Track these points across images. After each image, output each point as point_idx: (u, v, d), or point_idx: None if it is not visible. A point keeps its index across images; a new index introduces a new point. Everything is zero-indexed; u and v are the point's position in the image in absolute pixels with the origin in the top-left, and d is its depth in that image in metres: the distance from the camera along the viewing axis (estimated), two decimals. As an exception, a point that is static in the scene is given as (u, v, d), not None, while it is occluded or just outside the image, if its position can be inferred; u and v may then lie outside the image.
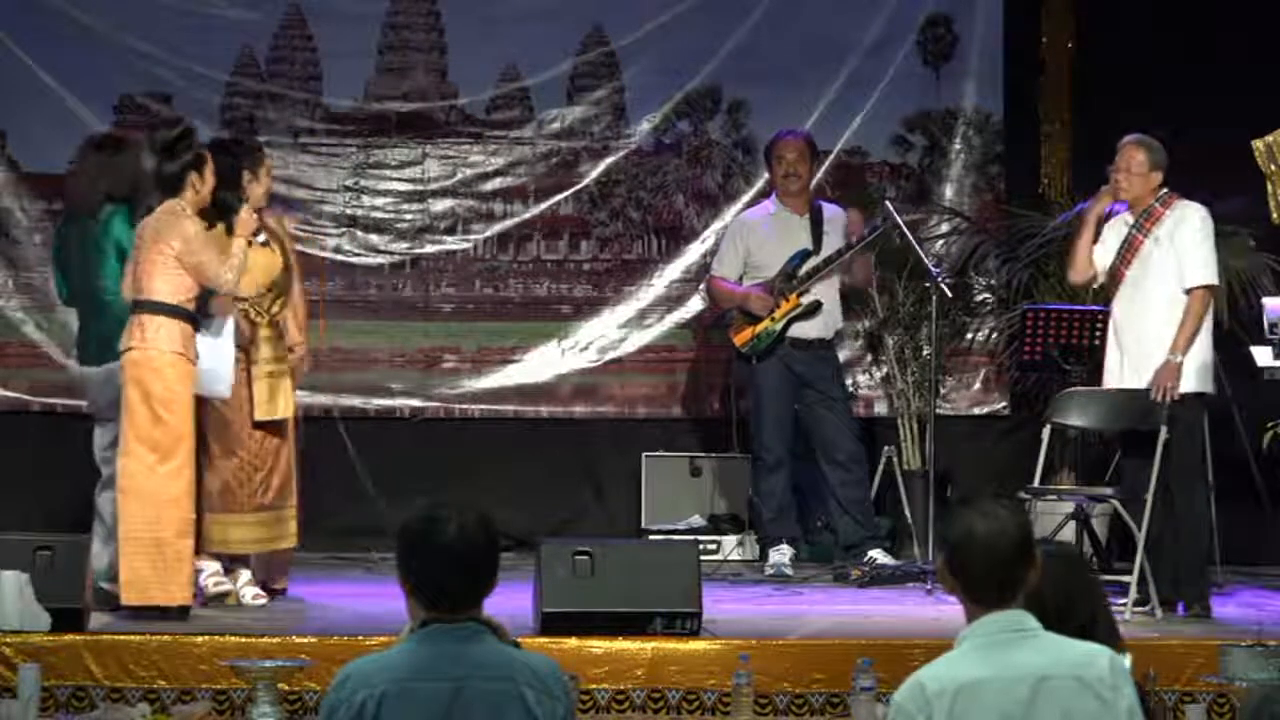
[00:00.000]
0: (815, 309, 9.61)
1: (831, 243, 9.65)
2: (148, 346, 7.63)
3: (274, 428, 8.25)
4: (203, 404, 7.89)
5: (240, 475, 8.16)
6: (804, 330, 9.61)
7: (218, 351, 7.90)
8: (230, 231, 7.87)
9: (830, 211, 9.77)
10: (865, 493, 9.77)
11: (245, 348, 8.12)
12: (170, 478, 7.60)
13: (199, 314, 7.79)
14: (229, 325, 7.99)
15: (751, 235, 9.76)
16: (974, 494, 4.17)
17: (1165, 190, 8.36)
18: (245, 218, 7.90)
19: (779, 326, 9.59)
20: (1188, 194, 8.50)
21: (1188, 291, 8.21)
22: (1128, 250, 8.32)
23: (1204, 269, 8.24)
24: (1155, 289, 8.26)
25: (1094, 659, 4.01)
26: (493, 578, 3.99)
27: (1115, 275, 8.37)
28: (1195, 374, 8.23)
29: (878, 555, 9.54)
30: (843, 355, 10.27)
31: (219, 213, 7.90)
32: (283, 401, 8.26)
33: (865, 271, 9.85)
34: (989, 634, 4.00)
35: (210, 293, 7.80)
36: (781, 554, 9.61)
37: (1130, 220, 8.36)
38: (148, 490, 7.58)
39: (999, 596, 4.01)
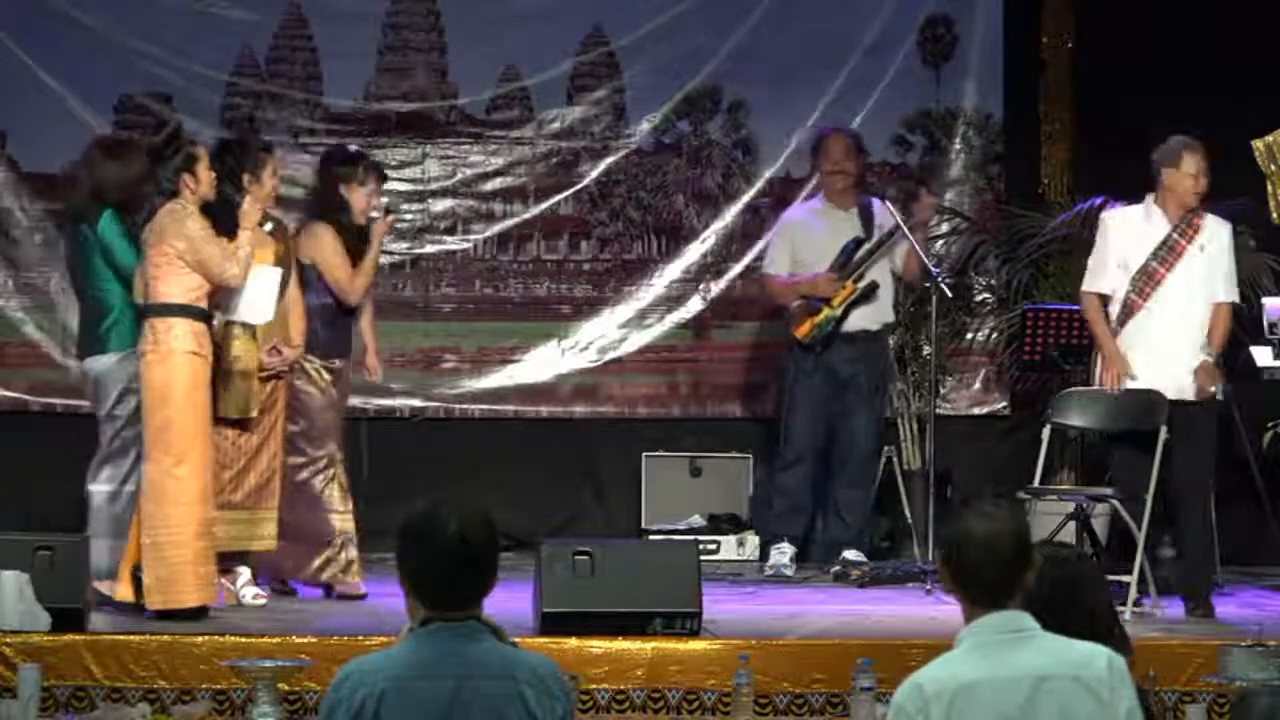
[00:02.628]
0: (873, 290, 9.56)
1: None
2: (160, 349, 7.65)
3: (244, 427, 8.18)
4: None
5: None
6: (851, 324, 9.56)
7: (259, 281, 7.92)
8: (232, 229, 7.87)
9: (881, 206, 9.72)
10: (865, 495, 9.76)
11: (217, 342, 8.02)
12: (187, 479, 7.62)
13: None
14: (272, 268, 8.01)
15: (797, 232, 9.73)
16: (975, 496, 4.19)
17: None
18: (248, 209, 7.91)
19: (839, 313, 9.56)
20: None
21: (1219, 304, 8.29)
22: (1169, 253, 8.30)
23: (1235, 287, 8.43)
24: (1195, 296, 8.30)
25: (1092, 659, 4.01)
26: (493, 577, 3.99)
27: (1152, 275, 8.33)
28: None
29: (851, 555, 9.55)
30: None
31: (221, 209, 7.90)
32: (247, 402, 8.17)
33: (913, 262, 9.72)
34: (987, 635, 4.00)
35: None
36: (782, 553, 9.61)
37: (1169, 223, 8.32)
38: (168, 493, 7.61)
39: (997, 597, 4.01)
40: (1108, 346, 8.33)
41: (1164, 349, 8.29)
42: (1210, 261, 8.30)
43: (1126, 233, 8.39)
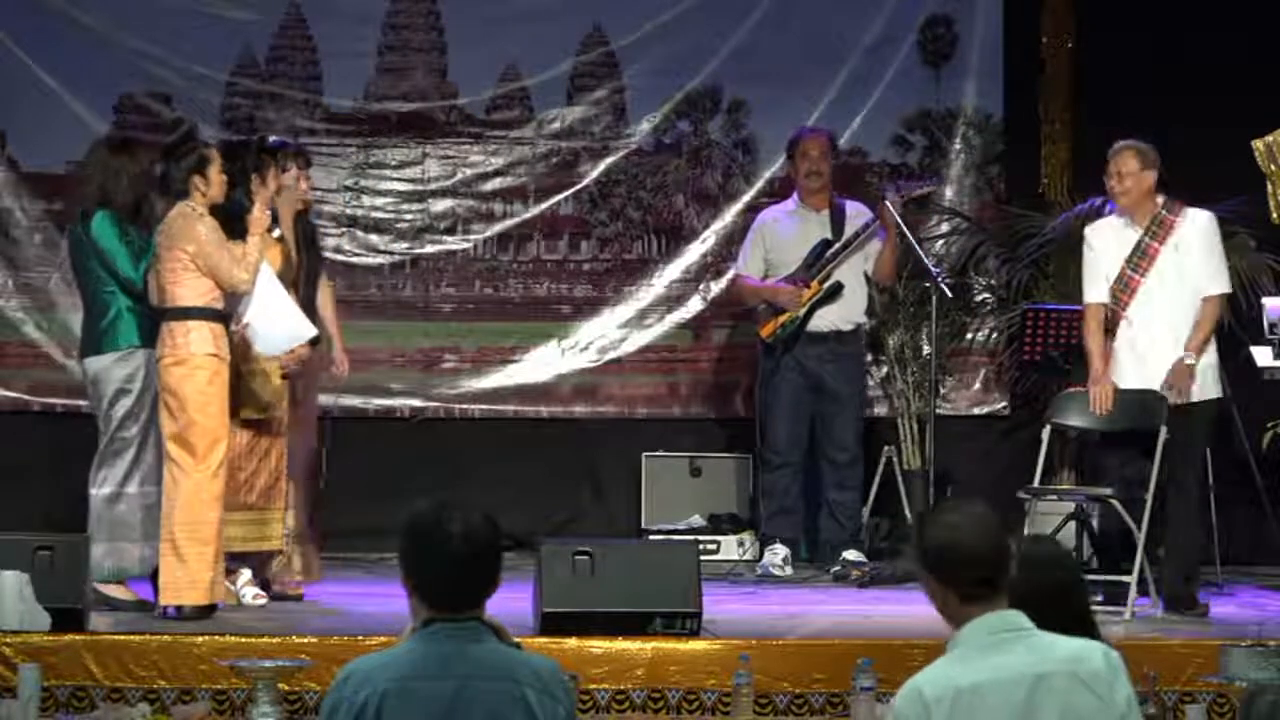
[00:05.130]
0: (837, 291, 9.57)
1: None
2: (179, 352, 7.64)
3: (258, 428, 8.18)
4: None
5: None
6: (820, 322, 9.58)
7: (268, 308, 7.89)
8: (242, 233, 7.86)
9: (854, 208, 9.75)
10: (855, 496, 9.76)
11: (234, 344, 8.00)
12: (208, 479, 7.65)
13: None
14: (261, 278, 7.93)
15: (770, 233, 9.76)
16: (942, 502, 4.18)
17: (1167, 197, 8.36)
18: (258, 216, 7.90)
19: (802, 314, 9.58)
20: (1186, 193, 8.51)
21: (1204, 298, 8.26)
22: (1142, 259, 8.30)
23: (1222, 277, 8.34)
24: (1175, 296, 8.27)
25: (1088, 655, 4.01)
26: (495, 578, 3.99)
27: (1129, 283, 8.33)
28: (1212, 380, 8.29)
29: (851, 556, 9.55)
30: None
31: (231, 213, 7.89)
32: (266, 402, 8.14)
33: (889, 266, 9.76)
34: (982, 636, 3.99)
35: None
36: (774, 554, 9.62)
37: (1139, 228, 8.34)
38: (187, 493, 7.63)
39: (987, 593, 4.00)
40: (1096, 364, 8.34)
41: (1149, 355, 8.29)
42: (1186, 258, 8.28)
43: (1107, 243, 8.40)
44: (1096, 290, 8.39)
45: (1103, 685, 3.97)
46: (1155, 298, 8.28)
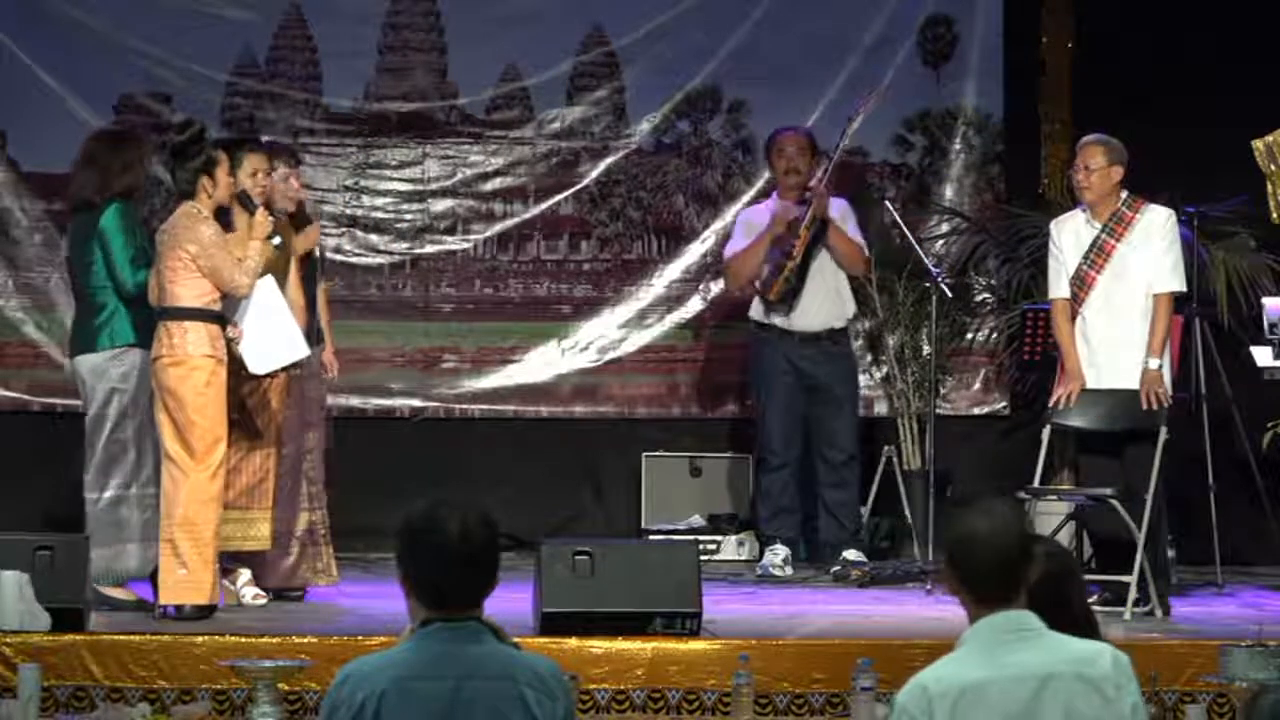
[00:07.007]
0: (823, 228, 9.48)
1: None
2: (177, 352, 7.65)
3: (239, 427, 8.14)
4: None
5: None
6: (813, 321, 9.54)
7: (267, 324, 7.89)
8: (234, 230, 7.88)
9: (833, 203, 9.70)
10: (853, 495, 9.74)
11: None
12: (206, 480, 7.66)
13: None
14: (264, 291, 7.93)
15: (758, 224, 9.73)
16: (972, 495, 4.18)
17: (1128, 193, 8.35)
18: (261, 220, 7.91)
19: (799, 260, 9.45)
20: (1187, 194, 8.50)
21: (1156, 295, 8.24)
22: (1098, 255, 8.31)
23: (1176, 275, 8.29)
24: (1131, 293, 8.27)
25: (1097, 657, 4.01)
26: (493, 577, 3.99)
27: (1084, 279, 8.34)
28: (1169, 379, 8.30)
29: (851, 555, 9.54)
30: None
31: (236, 211, 7.91)
32: (240, 403, 8.11)
33: (843, 245, 9.67)
34: (991, 634, 3.99)
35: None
36: (775, 554, 9.61)
37: (1098, 225, 8.34)
38: (186, 494, 7.64)
39: (1002, 594, 4.01)
40: (1069, 360, 8.35)
41: (1101, 352, 8.29)
42: (1141, 254, 8.26)
43: (1068, 238, 8.40)
44: (1060, 286, 8.41)
45: (1110, 688, 3.98)
46: (1110, 296, 8.29)
